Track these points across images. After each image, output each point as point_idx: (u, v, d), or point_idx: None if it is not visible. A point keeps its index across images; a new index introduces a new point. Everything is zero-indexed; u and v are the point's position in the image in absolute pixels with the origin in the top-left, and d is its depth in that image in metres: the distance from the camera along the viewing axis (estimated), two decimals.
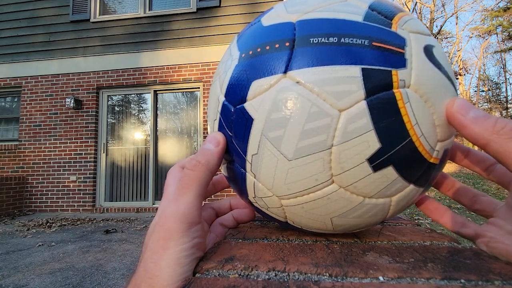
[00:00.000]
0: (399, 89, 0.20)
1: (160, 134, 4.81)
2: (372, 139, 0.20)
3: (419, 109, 0.20)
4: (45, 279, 1.94)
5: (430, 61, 0.22)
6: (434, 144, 0.22)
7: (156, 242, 0.22)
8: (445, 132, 0.22)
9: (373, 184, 0.21)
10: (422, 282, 0.18)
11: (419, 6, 19.62)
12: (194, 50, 4.58)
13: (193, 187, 0.23)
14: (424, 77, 0.21)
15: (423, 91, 0.20)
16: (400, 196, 0.23)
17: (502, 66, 22.80)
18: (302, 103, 0.20)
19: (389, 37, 0.21)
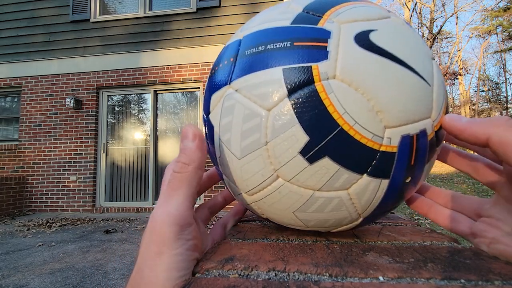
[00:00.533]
0: (321, 81, 0.20)
1: (160, 134, 4.81)
2: (299, 133, 0.21)
3: (348, 97, 0.20)
4: (45, 279, 1.94)
5: (363, 47, 0.21)
6: (379, 131, 0.20)
7: (149, 247, 0.21)
8: (396, 117, 0.21)
9: (315, 176, 0.21)
10: (422, 282, 0.18)
11: (419, 6, 19.63)
12: (194, 50, 4.58)
13: (182, 188, 0.22)
14: (353, 65, 0.21)
15: (351, 79, 0.20)
16: (356, 188, 0.22)
17: (502, 66, 22.81)
18: (238, 107, 0.23)
19: (313, 33, 0.22)
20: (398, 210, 4.28)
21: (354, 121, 0.20)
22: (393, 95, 0.21)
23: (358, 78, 0.20)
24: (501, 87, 22.92)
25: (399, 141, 0.21)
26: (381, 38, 0.22)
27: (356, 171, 0.21)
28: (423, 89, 0.22)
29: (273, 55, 0.22)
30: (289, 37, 0.22)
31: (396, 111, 0.21)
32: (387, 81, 0.21)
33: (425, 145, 0.22)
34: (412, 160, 0.22)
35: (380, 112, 0.20)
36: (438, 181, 7.05)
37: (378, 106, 0.20)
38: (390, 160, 0.21)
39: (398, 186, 0.23)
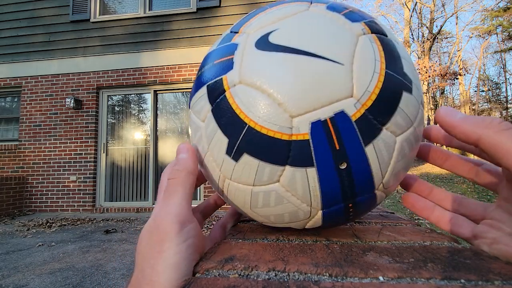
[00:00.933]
0: (230, 89, 0.23)
1: (160, 134, 4.81)
2: (221, 136, 0.24)
3: (249, 98, 0.22)
4: (45, 279, 1.94)
5: (261, 49, 0.23)
6: (285, 122, 0.21)
7: (151, 246, 0.22)
8: (298, 105, 0.21)
9: (244, 172, 0.24)
10: (422, 282, 0.18)
11: (419, 6, 19.63)
12: (194, 50, 4.58)
13: (178, 190, 0.24)
14: (253, 68, 0.23)
15: (251, 80, 0.22)
16: (285, 180, 0.22)
17: (502, 66, 22.81)
18: (192, 123, 0.28)
19: (225, 50, 0.26)
20: (398, 210, 4.28)
21: (258, 117, 0.22)
22: (292, 84, 0.21)
23: (257, 78, 0.22)
24: (501, 87, 22.93)
25: (309, 128, 0.21)
26: (280, 36, 0.23)
27: (277, 163, 0.22)
28: (332, 71, 0.21)
29: (202, 76, 0.27)
30: (213, 58, 0.26)
31: (297, 99, 0.21)
32: (284, 74, 0.22)
33: (349, 126, 0.21)
34: (335, 145, 0.21)
35: (281, 104, 0.21)
36: (438, 181, 7.05)
37: (279, 99, 0.21)
38: (306, 148, 0.21)
39: (331, 172, 0.22)
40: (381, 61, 0.23)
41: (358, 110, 0.21)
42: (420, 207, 0.29)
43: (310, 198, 0.23)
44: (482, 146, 0.20)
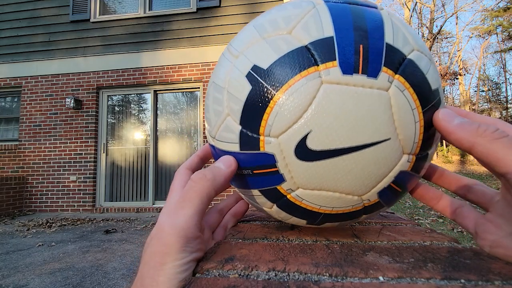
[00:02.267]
0: (291, 194, 0.25)
1: (160, 134, 4.81)
2: (298, 220, 0.28)
3: (317, 197, 0.24)
4: (45, 279, 1.94)
5: (306, 160, 0.22)
6: (357, 202, 0.25)
7: (153, 256, 0.21)
8: (366, 185, 0.23)
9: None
10: (422, 282, 0.18)
11: (419, 6, 19.63)
12: (194, 50, 4.58)
13: (194, 201, 0.23)
14: (308, 178, 0.23)
15: (312, 186, 0.23)
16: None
17: (502, 66, 22.80)
18: (250, 201, 0.31)
19: (261, 160, 0.24)
20: (398, 210, 4.28)
21: (331, 207, 0.25)
22: (353, 178, 0.23)
23: (317, 184, 0.23)
24: (501, 87, 22.91)
25: (377, 196, 0.24)
26: (318, 141, 0.21)
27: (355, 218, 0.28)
28: (382, 150, 0.22)
29: (247, 180, 0.26)
30: (246, 163, 0.25)
31: (361, 185, 0.23)
32: (343, 175, 0.23)
33: (407, 176, 0.25)
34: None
35: (350, 193, 0.24)
36: None
37: (345, 191, 0.23)
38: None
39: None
40: (417, 105, 0.22)
41: (412, 161, 0.24)
42: (428, 197, 0.29)
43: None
44: (475, 154, 0.20)
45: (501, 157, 0.19)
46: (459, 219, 0.26)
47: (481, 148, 0.20)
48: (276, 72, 0.22)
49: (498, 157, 0.19)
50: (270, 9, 0.28)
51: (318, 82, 0.21)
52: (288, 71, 0.22)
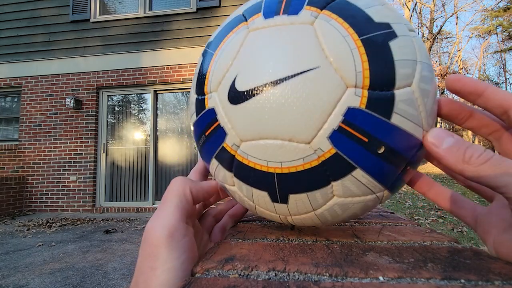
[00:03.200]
0: (237, 152, 0.23)
1: (160, 134, 4.81)
2: (259, 192, 0.25)
3: (260, 151, 0.22)
4: (45, 279, 1.94)
5: (238, 103, 0.22)
6: (307, 151, 0.21)
7: (144, 260, 0.21)
8: (310, 126, 0.20)
9: (299, 207, 0.26)
10: (422, 282, 0.18)
11: (419, 6, 19.63)
12: (194, 50, 4.58)
13: (172, 200, 0.24)
14: (244, 126, 0.22)
15: (251, 135, 0.22)
16: (340, 192, 0.23)
17: (502, 66, 22.81)
18: (224, 187, 0.30)
19: (206, 118, 0.25)
20: (398, 210, 4.28)
21: (279, 162, 0.22)
22: (290, 117, 0.21)
23: (254, 131, 0.22)
24: (501, 87, 22.92)
25: (330, 142, 0.21)
26: (244, 81, 0.22)
27: (324, 185, 0.24)
28: (314, 80, 0.21)
29: (204, 148, 0.27)
30: (199, 129, 0.27)
31: (304, 126, 0.21)
32: (276, 114, 0.21)
33: (363, 115, 0.21)
34: (363, 139, 0.22)
35: (292, 139, 0.21)
36: (438, 181, 7.05)
37: (287, 138, 0.21)
38: (339, 159, 0.21)
39: (374, 161, 0.22)
40: (350, 33, 0.21)
41: (362, 96, 0.20)
42: (419, 181, 0.28)
43: (372, 190, 0.23)
44: (467, 177, 0.21)
45: (492, 178, 0.19)
46: (456, 208, 0.26)
47: (470, 174, 0.20)
48: (216, 38, 0.26)
49: (489, 180, 0.19)
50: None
51: (245, 32, 0.24)
52: (223, 33, 0.26)
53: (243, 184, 0.25)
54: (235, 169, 0.24)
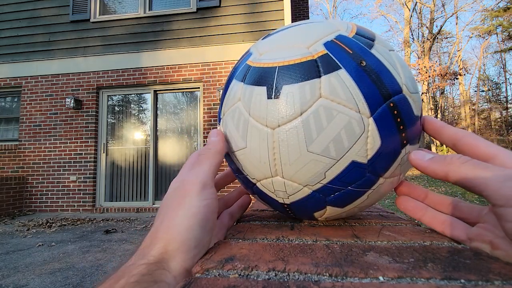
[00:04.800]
0: (253, 62, 0.31)
1: (160, 134, 4.81)
2: (258, 89, 0.30)
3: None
4: (45, 279, 1.94)
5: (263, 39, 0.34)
6: (305, 52, 0.29)
7: (173, 200, 0.26)
8: (308, 39, 0.29)
9: (288, 107, 0.28)
10: (422, 282, 0.18)
11: (419, 6, 19.63)
12: (194, 50, 4.58)
13: (207, 161, 0.29)
14: (260, 47, 0.33)
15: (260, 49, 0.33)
16: (326, 89, 0.27)
17: (502, 66, 22.80)
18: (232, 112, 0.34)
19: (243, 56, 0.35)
20: (398, 210, 4.27)
21: (283, 58, 0.29)
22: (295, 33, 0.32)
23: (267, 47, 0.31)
24: (501, 87, 22.92)
25: (323, 47, 0.28)
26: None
27: (313, 78, 0.28)
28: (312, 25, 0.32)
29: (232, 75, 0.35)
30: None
31: (303, 38, 0.30)
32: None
33: (349, 40, 0.29)
34: (348, 50, 0.28)
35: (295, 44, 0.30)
36: (438, 182, 7.05)
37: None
38: (328, 58, 0.28)
39: (357, 69, 0.28)
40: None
41: (351, 31, 0.29)
42: (412, 207, 0.30)
43: (354, 100, 0.25)
44: (451, 180, 0.24)
45: (472, 177, 0.22)
46: (449, 229, 0.27)
47: (453, 174, 0.23)
48: None
49: (469, 178, 0.22)
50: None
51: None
52: None
53: (248, 87, 0.28)
54: (248, 74, 0.29)
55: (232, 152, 0.31)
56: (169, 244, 0.23)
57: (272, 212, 0.42)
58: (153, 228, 0.25)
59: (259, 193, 0.32)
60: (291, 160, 0.26)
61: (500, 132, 20.98)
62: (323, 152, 0.25)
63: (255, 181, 0.30)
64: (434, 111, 20.35)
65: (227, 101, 0.32)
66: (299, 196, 0.28)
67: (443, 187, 6.35)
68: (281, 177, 0.27)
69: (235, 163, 0.32)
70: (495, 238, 0.23)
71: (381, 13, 23.07)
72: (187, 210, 0.24)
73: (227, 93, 0.32)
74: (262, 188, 0.30)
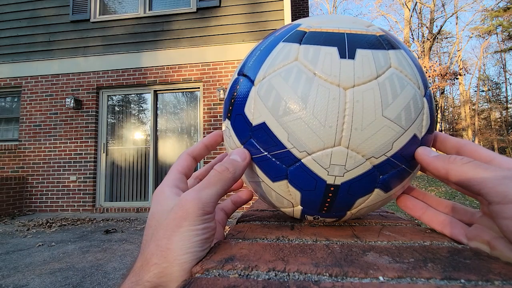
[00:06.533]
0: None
1: (160, 134, 4.81)
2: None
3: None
4: (45, 279, 1.94)
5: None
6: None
7: (172, 220, 0.24)
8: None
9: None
10: (422, 282, 0.18)
11: (419, 6, 19.63)
12: (194, 50, 4.58)
13: (217, 185, 0.26)
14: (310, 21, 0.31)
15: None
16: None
17: (502, 66, 22.81)
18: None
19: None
20: (398, 210, 4.28)
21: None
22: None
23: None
24: (501, 87, 22.92)
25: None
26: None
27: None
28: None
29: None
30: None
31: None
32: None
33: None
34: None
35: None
36: (437, 182, 7.05)
37: None
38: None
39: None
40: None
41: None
42: (412, 205, 0.31)
43: (416, 77, 0.27)
44: (451, 178, 0.24)
45: (471, 176, 0.23)
46: (448, 229, 0.28)
47: (454, 172, 0.24)
48: None
49: (469, 177, 0.23)
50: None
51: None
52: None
53: (311, 46, 0.26)
54: (306, 36, 0.27)
55: (278, 118, 0.26)
56: (166, 268, 0.22)
57: (272, 212, 0.42)
58: (146, 249, 0.24)
59: (298, 175, 0.26)
60: (364, 124, 0.24)
61: (500, 132, 20.99)
62: (396, 119, 0.24)
63: (304, 154, 0.25)
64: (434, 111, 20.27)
65: (272, 63, 0.27)
66: (357, 172, 0.25)
67: (443, 187, 6.35)
68: (345, 147, 0.24)
69: (275, 135, 0.26)
70: (492, 238, 0.23)
71: (381, 13, 23.08)
72: (185, 235, 0.23)
73: (269, 55, 0.28)
74: (309, 165, 0.25)
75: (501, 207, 0.20)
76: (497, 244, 0.23)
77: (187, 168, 0.31)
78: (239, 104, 0.29)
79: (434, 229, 0.30)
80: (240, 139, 0.29)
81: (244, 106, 0.28)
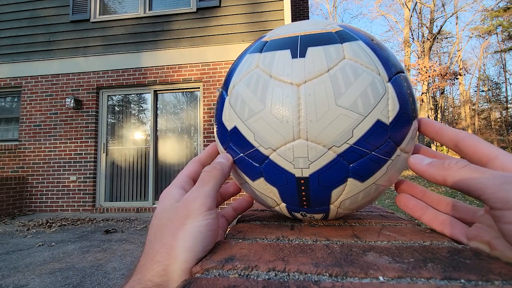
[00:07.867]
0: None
1: (160, 134, 4.81)
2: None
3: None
4: (45, 279, 1.94)
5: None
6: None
7: (176, 219, 0.25)
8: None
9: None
10: (422, 282, 0.18)
11: (419, 6, 19.63)
12: (194, 50, 4.58)
13: (211, 182, 0.28)
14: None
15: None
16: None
17: (502, 66, 22.80)
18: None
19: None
20: (398, 210, 4.28)
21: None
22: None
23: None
24: (501, 87, 22.91)
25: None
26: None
27: None
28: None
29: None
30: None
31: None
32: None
33: None
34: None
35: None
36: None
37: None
38: None
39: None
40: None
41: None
42: (412, 205, 0.31)
43: (374, 64, 0.27)
44: (449, 184, 0.24)
45: (470, 182, 0.22)
46: (448, 229, 0.28)
47: (451, 179, 0.23)
48: None
49: (468, 183, 0.22)
50: None
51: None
52: None
53: (268, 53, 0.29)
54: (267, 45, 0.30)
55: (245, 121, 0.28)
56: (168, 266, 0.23)
57: (272, 212, 0.42)
58: (150, 248, 0.25)
59: (270, 171, 0.28)
60: (318, 115, 0.25)
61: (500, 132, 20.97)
62: (352, 107, 0.25)
63: (269, 151, 0.27)
64: (434, 111, 20.34)
65: (238, 73, 0.30)
66: (322, 162, 0.26)
67: (443, 187, 6.35)
68: (304, 139, 0.25)
69: (245, 136, 0.28)
70: (492, 238, 0.23)
71: (381, 13, 23.08)
72: (189, 232, 0.24)
73: (238, 68, 0.31)
74: (277, 160, 0.27)
75: (502, 213, 0.20)
76: (497, 244, 0.22)
77: (195, 173, 0.33)
78: (219, 114, 0.32)
79: (434, 229, 0.29)
80: (222, 145, 0.33)
81: (222, 116, 0.32)
